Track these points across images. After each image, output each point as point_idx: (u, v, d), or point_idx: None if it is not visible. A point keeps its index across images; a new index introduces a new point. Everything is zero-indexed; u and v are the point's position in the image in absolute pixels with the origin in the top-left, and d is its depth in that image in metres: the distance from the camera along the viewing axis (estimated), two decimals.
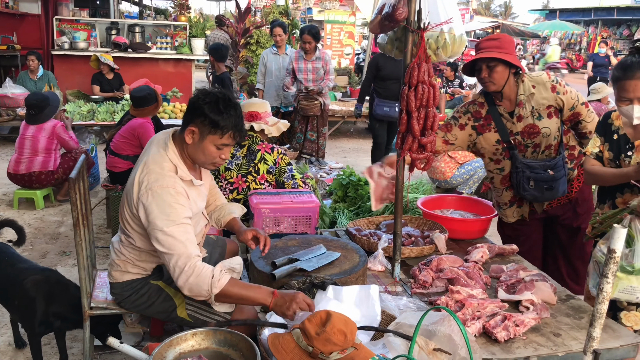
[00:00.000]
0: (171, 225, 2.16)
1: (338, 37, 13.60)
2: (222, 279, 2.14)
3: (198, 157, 2.32)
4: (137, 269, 2.41)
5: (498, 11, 56.84)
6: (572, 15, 30.84)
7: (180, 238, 2.16)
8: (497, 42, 2.96)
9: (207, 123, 2.22)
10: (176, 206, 2.19)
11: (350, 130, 10.64)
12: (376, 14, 2.67)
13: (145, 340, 3.06)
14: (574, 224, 3.30)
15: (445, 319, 2.01)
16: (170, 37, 10.61)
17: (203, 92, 2.29)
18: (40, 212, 5.48)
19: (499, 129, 3.11)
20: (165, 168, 2.26)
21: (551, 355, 2.19)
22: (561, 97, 3.06)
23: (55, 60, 9.85)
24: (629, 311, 2.62)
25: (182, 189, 2.25)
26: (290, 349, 1.86)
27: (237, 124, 2.26)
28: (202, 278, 2.12)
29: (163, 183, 2.21)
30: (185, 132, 2.26)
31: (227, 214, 2.73)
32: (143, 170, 2.27)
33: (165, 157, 2.29)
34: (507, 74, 2.97)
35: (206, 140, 2.25)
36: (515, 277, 2.72)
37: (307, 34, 6.58)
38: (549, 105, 3.06)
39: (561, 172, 3.07)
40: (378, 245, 3.00)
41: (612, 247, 1.65)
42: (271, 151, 3.64)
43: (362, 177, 4.72)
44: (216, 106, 2.21)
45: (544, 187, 3.06)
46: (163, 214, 2.17)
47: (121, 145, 4.84)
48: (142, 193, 2.22)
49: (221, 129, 2.22)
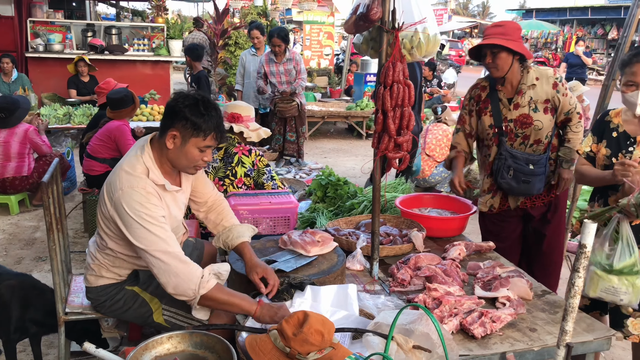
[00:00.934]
0: (147, 223, 2.14)
1: (317, 37, 13.63)
2: (211, 281, 2.13)
3: (180, 162, 2.28)
4: (111, 274, 2.38)
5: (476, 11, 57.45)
6: (548, 15, 31.35)
7: (160, 235, 2.14)
8: (501, 29, 3.02)
9: (189, 126, 2.19)
10: (148, 205, 2.17)
11: (330, 131, 10.66)
12: (351, 14, 2.68)
13: (123, 345, 3.03)
14: (543, 230, 3.37)
15: (423, 318, 2.02)
16: (147, 38, 10.51)
17: (181, 95, 2.26)
18: (15, 217, 5.39)
19: (494, 113, 3.17)
20: (137, 170, 2.23)
21: (527, 350, 2.22)
22: (559, 96, 3.10)
23: (30, 63, 9.69)
24: (635, 318, 2.57)
25: (153, 190, 2.22)
26: (268, 351, 1.85)
27: (219, 124, 2.25)
28: (190, 277, 2.10)
29: (133, 184, 2.18)
30: (166, 137, 2.22)
31: (237, 237, 2.55)
32: (116, 172, 2.26)
33: (140, 160, 2.26)
34: (510, 61, 3.01)
35: (189, 143, 2.22)
36: (492, 273, 2.75)
37: (277, 37, 6.53)
38: (546, 99, 3.10)
39: (541, 169, 3.12)
40: (356, 245, 3.01)
41: (582, 242, 1.67)
42: (249, 153, 3.62)
43: (342, 177, 4.72)
44: (197, 108, 2.19)
45: (521, 179, 3.11)
46: (136, 215, 2.14)
47: (98, 149, 4.78)
48: (114, 195, 2.20)
49: (204, 131, 2.20)
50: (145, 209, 2.15)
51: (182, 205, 2.43)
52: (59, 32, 10.07)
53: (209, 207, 2.67)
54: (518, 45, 2.98)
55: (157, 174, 2.27)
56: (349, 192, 4.55)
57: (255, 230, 2.67)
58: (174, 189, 2.34)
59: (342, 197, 4.51)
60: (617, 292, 2.37)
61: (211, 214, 2.66)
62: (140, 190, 2.17)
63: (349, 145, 9.53)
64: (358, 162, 8.16)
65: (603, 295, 2.42)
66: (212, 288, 2.12)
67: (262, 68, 6.68)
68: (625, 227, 2.34)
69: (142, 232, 2.13)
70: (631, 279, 2.32)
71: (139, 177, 2.21)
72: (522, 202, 3.31)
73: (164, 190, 2.29)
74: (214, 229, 2.66)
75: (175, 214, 2.37)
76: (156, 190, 2.24)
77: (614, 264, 2.34)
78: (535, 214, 3.34)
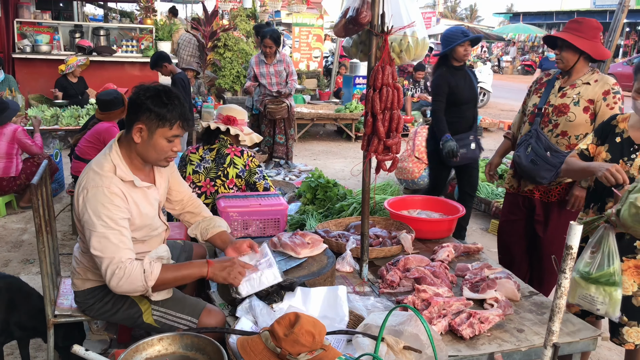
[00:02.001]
0: (103, 226, 2.14)
1: (306, 40, 13.64)
2: (155, 270, 2.16)
3: (150, 155, 2.27)
4: (97, 276, 2.36)
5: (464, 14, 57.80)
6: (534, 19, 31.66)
7: (113, 240, 2.14)
8: (577, 25, 3.11)
9: (154, 117, 2.19)
10: (109, 206, 2.16)
11: (319, 133, 10.67)
12: (340, 18, 2.70)
13: (113, 348, 3.01)
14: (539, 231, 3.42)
15: (412, 319, 2.04)
16: (136, 40, 10.47)
17: (142, 88, 2.25)
18: (2, 219, 5.33)
19: (543, 95, 3.30)
20: (104, 168, 2.22)
21: (515, 350, 2.25)
22: (603, 104, 3.08)
23: (17, 64, 9.60)
24: (630, 327, 2.57)
25: (117, 190, 2.20)
26: (259, 351, 1.86)
27: (183, 112, 2.24)
28: (133, 278, 2.12)
29: (97, 183, 2.18)
30: (133, 132, 2.22)
31: (217, 226, 2.65)
32: (85, 172, 2.26)
33: (108, 158, 2.26)
34: (576, 58, 3.11)
35: (156, 134, 2.22)
36: (480, 275, 2.78)
37: (269, 38, 6.55)
38: (591, 99, 3.12)
39: (555, 161, 3.16)
40: (346, 247, 3.03)
41: (568, 244, 1.70)
42: (241, 154, 3.63)
43: (331, 180, 4.74)
44: (159, 99, 2.19)
45: (533, 159, 3.23)
46: (95, 215, 2.14)
47: (87, 150, 4.76)
48: (79, 194, 2.21)
49: (169, 120, 2.20)
50: (106, 210, 2.15)
51: (154, 202, 2.40)
52: (46, 33, 10.00)
53: (184, 205, 2.72)
54: (586, 44, 3.04)
55: (125, 171, 2.26)
56: (339, 194, 4.58)
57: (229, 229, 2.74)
58: (144, 185, 2.33)
59: (331, 199, 4.54)
60: (594, 301, 2.35)
61: (188, 208, 2.72)
62: (104, 190, 2.17)
63: (338, 147, 9.55)
64: (347, 164, 8.19)
65: (581, 302, 2.40)
66: (158, 275, 2.16)
67: (252, 70, 6.68)
68: (609, 237, 2.30)
69: (97, 234, 2.13)
70: (608, 289, 2.29)
71: (105, 176, 2.20)
72: (529, 190, 3.39)
73: (133, 186, 2.28)
74: (191, 219, 2.72)
75: (147, 210, 2.34)
76: (122, 189, 2.22)
77: (591, 271, 2.33)
78: (538, 212, 3.40)
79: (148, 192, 2.37)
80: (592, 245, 2.41)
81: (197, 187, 3.60)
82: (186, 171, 3.64)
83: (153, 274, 2.15)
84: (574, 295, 2.42)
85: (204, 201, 3.59)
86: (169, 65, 6.67)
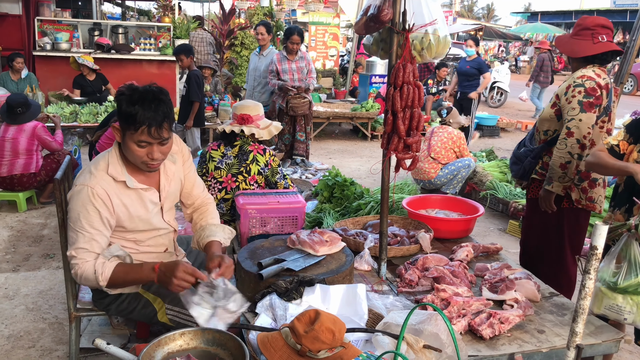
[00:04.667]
0: (76, 226, 2.16)
1: (322, 38, 13.64)
2: (105, 272, 2.13)
3: (129, 156, 2.22)
4: None
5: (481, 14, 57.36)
6: (553, 18, 31.28)
7: (80, 240, 2.15)
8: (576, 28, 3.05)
9: (122, 118, 2.13)
10: (88, 208, 2.16)
11: (335, 132, 10.66)
12: (361, 15, 2.69)
13: (132, 342, 3.04)
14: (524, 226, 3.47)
15: (432, 318, 2.03)
16: (154, 38, 10.54)
17: (126, 86, 2.19)
18: (22, 214, 5.41)
19: None
20: (99, 167, 2.22)
21: (535, 351, 2.23)
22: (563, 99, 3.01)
23: (37, 62, 9.72)
24: None
25: (102, 191, 2.18)
26: (279, 347, 1.87)
27: (154, 118, 2.09)
28: (87, 275, 2.14)
29: (85, 181, 2.18)
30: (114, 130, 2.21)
31: (207, 236, 2.45)
32: (83, 167, 2.29)
33: (105, 156, 2.26)
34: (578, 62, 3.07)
35: (126, 136, 2.15)
36: (499, 275, 2.76)
37: (297, 34, 6.62)
38: (557, 94, 3.08)
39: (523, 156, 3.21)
40: (364, 245, 3.02)
41: (593, 244, 1.68)
42: (263, 152, 3.65)
43: (348, 178, 4.74)
44: (130, 99, 2.10)
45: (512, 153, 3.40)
46: (74, 213, 2.17)
47: (106, 147, 4.80)
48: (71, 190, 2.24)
49: (133, 124, 2.09)
50: (84, 211, 2.15)
51: (150, 205, 2.34)
52: (66, 31, 10.11)
53: (195, 209, 2.64)
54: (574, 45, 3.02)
55: (119, 170, 2.24)
56: (356, 193, 4.57)
57: (234, 233, 2.58)
58: (139, 187, 2.28)
59: (348, 197, 4.53)
60: (621, 310, 2.32)
61: (195, 214, 2.63)
62: (87, 190, 2.16)
63: (354, 146, 9.54)
64: (363, 163, 8.17)
65: (607, 312, 2.37)
66: (109, 276, 2.13)
67: (275, 66, 6.71)
68: (633, 245, 2.27)
69: (70, 230, 2.18)
70: (636, 298, 2.26)
71: (95, 175, 2.20)
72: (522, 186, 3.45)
73: (125, 187, 2.25)
74: (193, 229, 2.61)
75: (139, 213, 2.29)
76: (109, 190, 2.20)
77: (618, 282, 2.30)
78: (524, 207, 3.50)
79: (144, 194, 2.32)
80: (615, 253, 2.38)
81: (218, 183, 3.62)
82: (208, 167, 3.66)
83: (104, 275, 2.13)
84: (599, 306, 2.39)
85: (224, 196, 3.60)
86: (186, 59, 6.75)
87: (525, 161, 3.17)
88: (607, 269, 2.38)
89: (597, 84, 2.91)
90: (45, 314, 3.48)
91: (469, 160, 5.97)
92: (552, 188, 2.99)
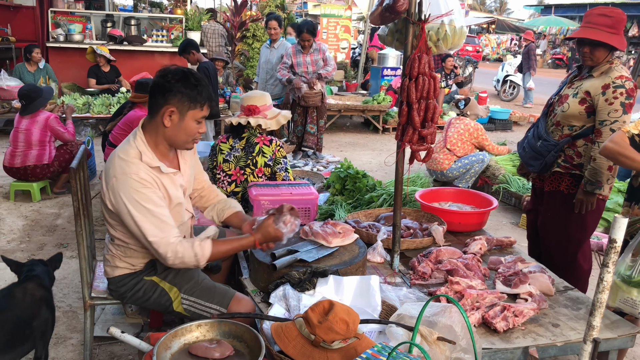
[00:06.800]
0: (142, 212, 2.16)
1: (334, 31, 13.59)
2: (205, 251, 2.22)
3: (179, 138, 2.28)
4: (124, 264, 2.40)
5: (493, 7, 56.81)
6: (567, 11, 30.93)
7: (155, 223, 2.17)
8: (609, 20, 2.90)
9: (186, 99, 2.20)
10: (143, 190, 2.17)
11: (346, 125, 10.63)
12: (377, 5, 2.67)
13: (145, 331, 3.06)
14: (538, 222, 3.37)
15: (446, 310, 2.02)
16: (166, 30, 10.56)
17: (168, 71, 2.24)
18: (37, 204, 5.45)
19: (560, 87, 3.26)
20: (130, 155, 2.23)
21: (550, 345, 2.22)
22: (601, 99, 2.90)
23: (50, 53, 9.78)
24: None
25: (146, 175, 2.21)
26: (293, 337, 1.87)
27: (210, 93, 2.28)
28: (186, 259, 2.19)
29: (126, 170, 2.18)
30: (163, 116, 2.22)
31: (229, 207, 2.67)
32: (111, 159, 2.26)
33: (133, 145, 2.26)
34: (607, 54, 2.95)
35: (187, 117, 2.23)
36: (513, 269, 2.74)
37: (306, 32, 6.52)
38: (588, 92, 2.97)
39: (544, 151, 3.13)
40: (377, 237, 3.02)
41: (612, 237, 1.66)
42: (269, 143, 3.63)
43: (360, 171, 4.72)
44: (189, 81, 2.21)
45: (524, 146, 3.31)
46: (131, 203, 2.16)
47: (119, 137, 4.82)
48: (109, 183, 2.21)
49: (200, 102, 2.23)
50: (139, 195, 2.16)
51: (179, 187, 2.39)
52: (79, 23, 10.16)
53: (201, 190, 2.73)
54: (620, 41, 2.89)
55: (151, 157, 2.26)
56: (368, 185, 4.56)
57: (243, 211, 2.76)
58: (170, 171, 2.32)
59: (360, 190, 4.52)
60: (635, 304, 2.31)
61: (204, 193, 2.74)
62: (133, 176, 2.17)
63: (365, 139, 9.51)
64: (375, 156, 8.15)
65: (622, 306, 2.36)
66: (210, 251, 2.23)
67: (290, 59, 6.67)
68: None
69: (139, 219, 2.15)
70: None
71: (132, 162, 2.20)
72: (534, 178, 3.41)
73: (160, 172, 2.28)
74: (207, 202, 2.73)
75: (175, 195, 2.34)
76: (150, 174, 2.23)
77: (633, 275, 2.28)
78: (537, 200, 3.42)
79: (174, 177, 2.36)
80: (632, 247, 2.35)
81: (227, 176, 3.62)
82: (217, 160, 3.66)
83: (205, 255, 2.22)
84: (614, 299, 2.38)
85: (234, 189, 3.61)
86: (196, 54, 6.71)
87: (547, 156, 3.11)
88: (622, 262, 2.36)
89: (634, 84, 2.90)
90: (59, 302, 3.51)
91: (483, 154, 5.93)
92: (603, 191, 2.93)
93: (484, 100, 11.35)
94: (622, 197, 4.97)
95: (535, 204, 3.47)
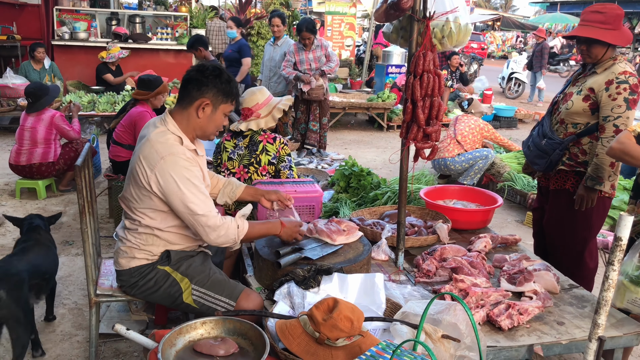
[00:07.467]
0: (192, 186, 2.29)
1: (339, 28, 13.57)
2: (244, 227, 2.43)
3: (208, 129, 2.45)
4: (143, 254, 2.42)
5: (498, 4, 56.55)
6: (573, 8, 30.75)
7: (204, 199, 2.33)
8: (602, 17, 2.90)
9: (221, 94, 2.38)
10: (192, 169, 2.32)
11: (350, 122, 10.62)
12: (382, 3, 2.67)
13: (150, 328, 3.08)
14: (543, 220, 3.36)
15: (451, 308, 2.02)
16: (170, 27, 10.57)
17: (205, 67, 2.41)
18: (42, 202, 5.48)
19: (565, 85, 3.26)
20: (169, 139, 2.34)
21: (555, 343, 2.21)
22: (604, 95, 2.88)
23: (56, 51, 9.81)
24: None
25: (190, 156, 2.37)
26: (297, 335, 1.87)
27: (238, 90, 2.50)
28: (230, 231, 2.37)
29: (173, 151, 2.30)
30: (196, 108, 2.37)
31: (236, 187, 2.86)
32: (147, 146, 2.32)
33: (167, 131, 2.37)
34: (604, 50, 2.93)
35: (219, 110, 2.42)
36: (518, 266, 2.74)
37: (306, 30, 6.52)
38: (592, 88, 2.95)
39: (549, 149, 3.11)
40: (382, 235, 3.01)
41: (617, 235, 1.66)
42: (273, 141, 3.61)
43: (365, 168, 4.72)
44: (223, 77, 2.39)
45: (529, 144, 3.29)
46: (182, 179, 2.27)
47: (122, 135, 4.83)
48: (156, 166, 2.28)
49: (231, 97, 2.43)
50: (189, 172, 2.30)
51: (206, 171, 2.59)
52: (84, 21, 10.18)
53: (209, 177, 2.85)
54: (616, 36, 2.87)
55: (188, 142, 2.40)
56: (372, 183, 4.56)
57: None
58: (201, 154, 2.52)
59: (365, 187, 4.52)
60: None
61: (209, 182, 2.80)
62: (181, 156, 2.31)
63: (370, 136, 9.50)
64: (379, 153, 8.14)
65: (630, 307, 2.35)
66: (247, 230, 2.43)
67: (293, 56, 6.67)
68: None
69: (188, 195, 2.27)
70: None
71: (176, 145, 2.34)
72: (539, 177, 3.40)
73: (196, 154, 2.44)
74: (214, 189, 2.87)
75: (206, 177, 2.55)
76: (192, 156, 2.38)
77: None
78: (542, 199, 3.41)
79: (203, 160, 2.56)
80: (639, 247, 2.34)
81: (231, 174, 3.62)
82: (221, 158, 3.66)
83: (244, 230, 2.42)
84: (622, 300, 2.36)
85: None
86: (204, 50, 6.71)
87: (552, 154, 3.09)
88: (630, 262, 2.35)
89: (639, 80, 2.87)
90: (65, 300, 3.53)
91: (487, 151, 5.92)
92: (604, 188, 2.91)
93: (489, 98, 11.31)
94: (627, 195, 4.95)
95: (541, 202, 3.45)
